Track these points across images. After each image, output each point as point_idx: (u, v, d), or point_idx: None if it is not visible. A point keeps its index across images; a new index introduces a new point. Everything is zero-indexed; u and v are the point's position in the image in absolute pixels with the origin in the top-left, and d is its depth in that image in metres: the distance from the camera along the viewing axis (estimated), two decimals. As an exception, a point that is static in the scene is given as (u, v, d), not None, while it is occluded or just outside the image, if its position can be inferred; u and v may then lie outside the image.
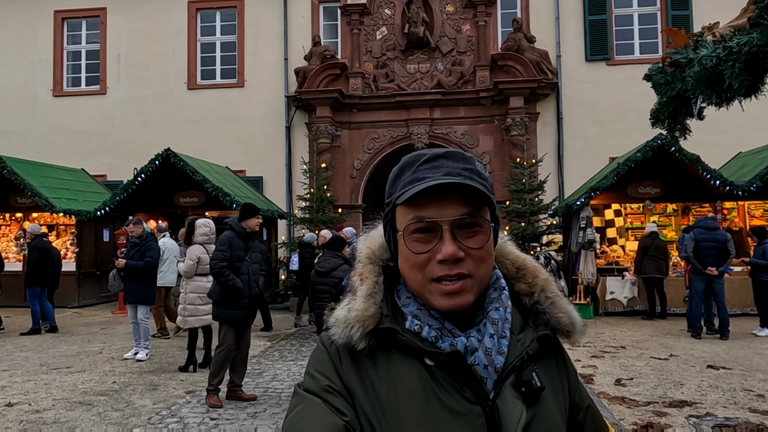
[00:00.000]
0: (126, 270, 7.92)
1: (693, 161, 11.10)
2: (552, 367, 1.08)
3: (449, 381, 0.97)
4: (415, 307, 1.02)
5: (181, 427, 5.19)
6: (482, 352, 0.99)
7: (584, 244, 11.56)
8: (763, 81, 2.11)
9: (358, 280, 1.07)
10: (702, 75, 2.05)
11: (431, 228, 0.98)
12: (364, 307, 1.01)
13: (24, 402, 5.95)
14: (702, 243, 9.28)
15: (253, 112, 16.93)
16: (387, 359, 1.00)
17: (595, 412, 1.15)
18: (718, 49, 2.04)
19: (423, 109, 15.82)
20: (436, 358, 0.98)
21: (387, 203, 1.06)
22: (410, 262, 1.01)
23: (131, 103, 17.35)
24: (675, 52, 2.33)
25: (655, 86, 2.57)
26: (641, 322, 10.74)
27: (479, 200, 1.00)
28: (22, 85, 17.78)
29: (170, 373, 7.19)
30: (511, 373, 0.99)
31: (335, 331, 1.02)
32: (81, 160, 16.64)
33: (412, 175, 1.01)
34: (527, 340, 1.03)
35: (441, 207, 0.98)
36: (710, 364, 7.42)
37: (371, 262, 1.08)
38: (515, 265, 1.12)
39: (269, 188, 16.71)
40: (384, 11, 16.18)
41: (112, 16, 17.69)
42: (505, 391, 0.98)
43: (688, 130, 2.88)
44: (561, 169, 15.89)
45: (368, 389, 0.99)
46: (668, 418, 5.34)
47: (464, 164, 1.01)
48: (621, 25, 16.29)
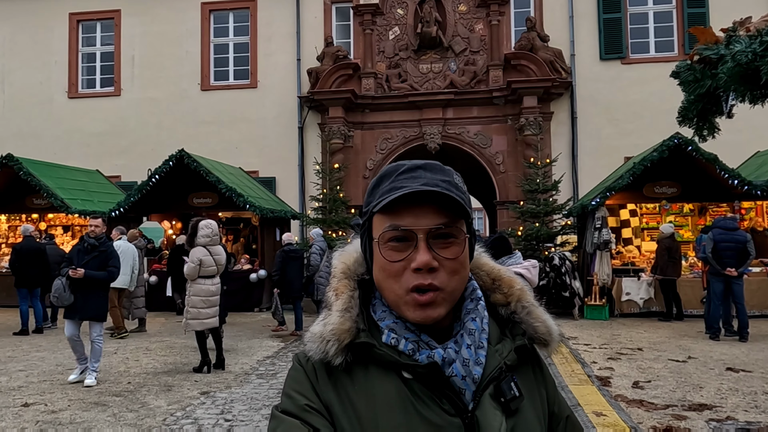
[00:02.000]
0: (82, 280, 6.55)
1: (710, 161, 10.96)
2: (530, 377, 1.08)
3: (428, 393, 0.97)
4: (391, 321, 1.02)
5: (195, 428, 5.18)
6: (460, 363, 0.98)
7: (600, 244, 11.45)
8: None
9: (333, 295, 1.07)
10: (736, 71, 1.99)
11: (407, 236, 0.99)
12: (339, 321, 1.01)
13: (40, 402, 5.97)
14: (721, 243, 9.12)
15: (266, 113, 16.96)
16: (365, 374, 1.00)
17: (575, 423, 1.14)
18: (754, 44, 1.98)
19: (436, 109, 15.76)
20: (414, 371, 0.98)
21: (364, 212, 1.07)
22: (386, 272, 1.00)
23: (145, 105, 17.45)
24: (706, 48, 2.27)
25: (684, 84, 2.51)
26: (658, 324, 10.62)
27: (456, 212, 1.00)
28: (37, 87, 17.94)
29: (184, 374, 7.20)
30: (489, 383, 0.99)
31: (311, 347, 1.02)
32: (96, 162, 16.76)
33: (390, 184, 1.01)
34: (505, 351, 1.04)
35: (417, 216, 0.98)
36: (730, 366, 7.30)
37: (346, 276, 1.08)
38: (490, 276, 1.13)
39: (282, 189, 16.73)
40: (396, 11, 16.16)
41: (126, 18, 17.81)
42: (484, 402, 0.98)
43: (717, 128, 2.81)
44: (575, 169, 15.77)
45: (346, 405, 0.98)
46: (688, 422, 5.25)
47: (442, 176, 1.02)
48: (636, 23, 16.13)
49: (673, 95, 14.02)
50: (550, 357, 1.20)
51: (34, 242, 10.78)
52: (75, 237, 14.98)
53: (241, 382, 6.76)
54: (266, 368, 7.48)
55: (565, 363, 7.51)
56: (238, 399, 6.05)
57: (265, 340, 9.48)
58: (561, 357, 7.83)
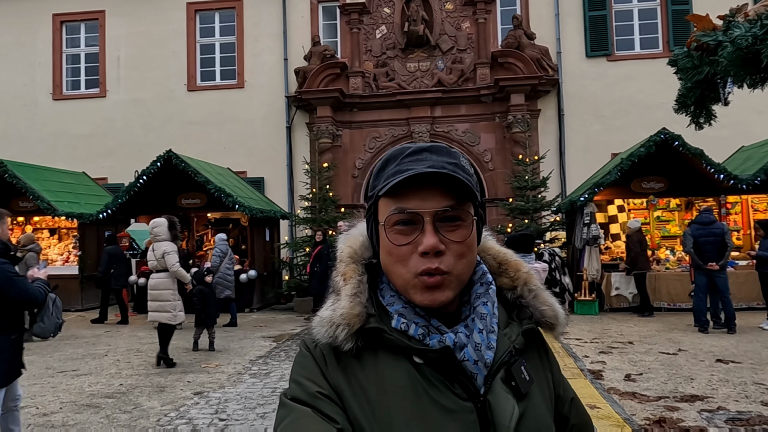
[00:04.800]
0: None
1: (697, 155, 11.07)
2: (537, 361, 1.08)
3: (439, 378, 0.96)
4: (400, 306, 1.01)
5: (190, 428, 5.15)
6: (471, 347, 0.98)
7: (589, 240, 11.53)
8: None
9: (341, 279, 1.05)
10: (736, 55, 2.02)
11: (413, 219, 0.97)
12: (350, 306, 0.99)
13: (31, 405, 5.92)
14: (700, 238, 9.24)
15: (253, 113, 16.89)
16: (374, 359, 0.99)
17: (578, 405, 1.15)
18: (755, 28, 2.01)
19: (424, 107, 15.78)
20: (425, 356, 0.97)
21: (370, 196, 1.05)
22: (393, 256, 0.99)
23: (131, 106, 17.31)
24: (704, 35, 2.30)
25: (681, 71, 2.54)
26: (646, 318, 10.71)
27: (463, 194, 0.98)
28: (22, 89, 17.74)
29: (177, 374, 7.16)
30: (500, 367, 0.99)
31: (319, 331, 1.00)
32: (82, 164, 16.60)
33: (396, 167, 1.00)
34: (513, 335, 1.03)
35: (423, 199, 0.97)
36: (719, 358, 7.39)
37: (353, 261, 1.06)
38: (497, 260, 1.12)
39: (271, 189, 16.67)
40: (383, 10, 16.15)
41: (110, 18, 17.65)
42: (495, 386, 0.97)
43: (714, 116, 2.84)
44: (563, 165, 15.85)
45: (356, 391, 0.97)
46: (680, 412, 5.30)
47: (449, 158, 1.00)
48: (621, 20, 16.25)
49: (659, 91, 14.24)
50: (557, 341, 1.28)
51: None
52: (62, 240, 14.84)
53: (235, 382, 6.73)
54: (259, 368, 7.45)
55: (558, 357, 7.51)
56: (232, 398, 6.02)
57: (257, 340, 9.45)
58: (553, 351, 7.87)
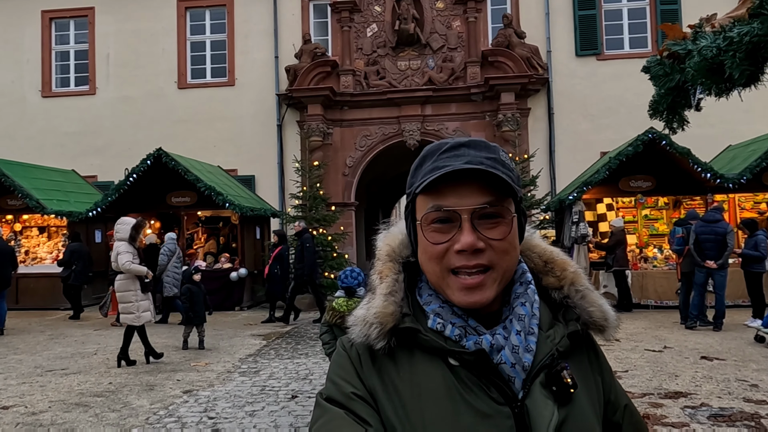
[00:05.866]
0: None
1: (684, 155, 11.18)
2: (585, 364, 1.03)
3: (475, 381, 0.93)
4: (437, 305, 0.99)
5: (179, 426, 5.18)
6: (509, 350, 0.94)
7: (577, 238, 11.62)
8: (762, 71, 2.14)
9: (377, 278, 1.03)
10: (702, 65, 2.08)
11: (450, 217, 0.95)
12: (383, 305, 0.98)
13: (20, 405, 5.92)
14: (701, 236, 9.29)
15: (244, 111, 16.87)
16: (409, 360, 0.97)
17: (633, 412, 1.10)
18: (719, 40, 2.06)
19: (414, 105, 15.82)
20: (461, 358, 0.94)
21: (408, 193, 1.03)
22: (428, 253, 0.97)
23: (121, 104, 17.24)
24: (674, 44, 2.35)
25: (654, 78, 2.60)
26: (635, 315, 10.82)
27: (502, 190, 0.96)
28: (9, 86, 17.61)
29: (166, 373, 7.17)
30: (540, 371, 0.95)
31: (354, 330, 1.00)
32: (71, 161, 16.52)
33: (433, 164, 0.97)
34: (557, 337, 0.99)
35: (461, 196, 0.94)
36: (704, 355, 7.49)
37: (391, 259, 1.04)
38: (542, 258, 1.07)
39: (261, 187, 16.66)
40: (374, 8, 16.16)
41: (100, 15, 17.56)
42: (534, 391, 0.93)
43: (686, 121, 2.91)
44: (552, 164, 15.95)
45: (390, 392, 0.95)
46: (664, 409, 5.38)
47: (487, 153, 0.97)
48: (610, 20, 16.36)
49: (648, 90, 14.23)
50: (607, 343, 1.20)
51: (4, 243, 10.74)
52: (51, 238, 14.78)
53: (224, 380, 6.76)
54: (248, 366, 7.48)
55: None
56: (221, 397, 6.05)
57: (247, 338, 9.47)
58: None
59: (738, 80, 2.06)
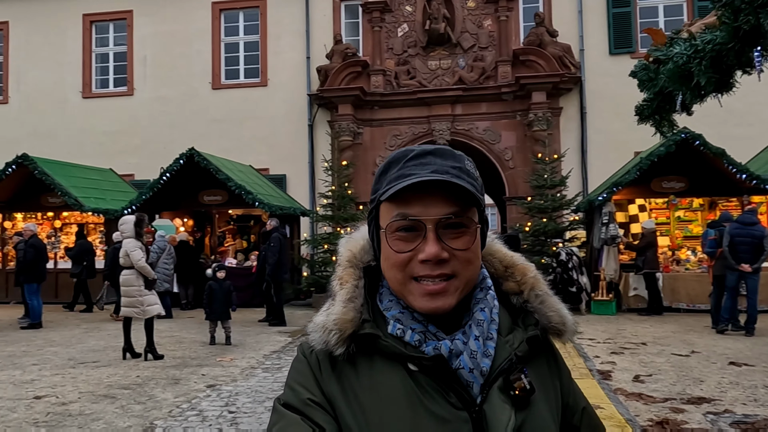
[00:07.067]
0: None
1: (718, 155, 10.91)
2: (543, 368, 1.03)
3: (434, 386, 0.93)
4: (397, 311, 0.98)
5: (200, 419, 5.31)
6: (467, 355, 0.94)
7: (607, 239, 11.45)
8: (731, 77, 2.11)
9: (338, 284, 1.03)
10: (675, 72, 2.06)
11: (415, 226, 0.94)
12: (343, 311, 0.97)
13: (52, 395, 6.15)
14: (736, 238, 9.05)
15: (275, 111, 17.10)
16: (369, 366, 0.96)
17: (591, 415, 1.10)
18: (687, 47, 2.05)
19: (444, 105, 15.80)
20: (420, 363, 0.94)
21: (371, 200, 1.03)
22: (391, 261, 0.97)
23: (157, 104, 17.67)
24: (656, 50, 2.34)
25: (640, 83, 2.58)
26: (665, 318, 10.62)
27: (467, 200, 0.95)
28: (52, 87, 18.23)
29: (192, 367, 7.35)
30: (499, 376, 0.95)
31: (314, 337, 0.99)
32: (109, 160, 17.00)
33: (399, 171, 0.97)
34: (516, 342, 0.99)
35: (426, 205, 0.94)
36: (732, 360, 7.31)
37: (351, 265, 1.04)
38: (503, 264, 1.08)
39: (292, 186, 16.88)
40: (405, 8, 16.20)
41: (138, 18, 18.03)
42: (492, 396, 0.94)
43: (675, 125, 2.87)
44: (584, 164, 15.74)
45: (350, 398, 0.95)
46: (685, 414, 5.29)
47: (453, 162, 0.97)
48: (646, 17, 16.04)
49: (682, 89, 14.04)
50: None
51: (39, 240, 11.15)
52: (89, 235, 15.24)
53: (247, 376, 6.89)
54: (272, 362, 7.61)
55: (568, 357, 7.56)
56: (242, 392, 6.18)
57: (273, 335, 9.62)
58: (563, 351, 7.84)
59: (706, 86, 2.04)
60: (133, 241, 7.90)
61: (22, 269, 10.53)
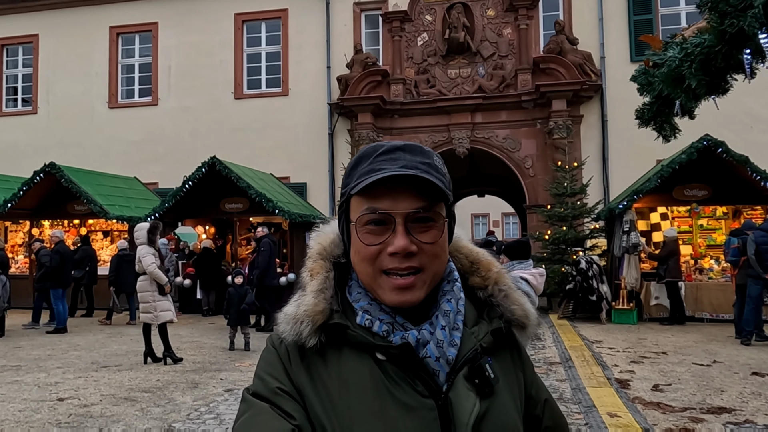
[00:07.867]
0: None
1: (741, 162, 10.75)
2: (507, 360, 1.07)
3: (401, 375, 0.96)
4: (366, 302, 1.01)
5: (217, 422, 5.39)
6: (434, 344, 0.97)
7: (628, 248, 11.33)
8: (722, 80, 2.11)
9: (308, 275, 1.06)
10: (668, 75, 2.07)
11: (384, 220, 0.97)
12: (314, 302, 1.00)
13: (74, 397, 6.28)
14: (762, 246, 8.91)
15: (296, 120, 17.28)
16: (338, 356, 0.99)
17: (553, 407, 1.14)
18: (678, 51, 2.06)
19: (464, 113, 15.81)
20: (387, 352, 0.97)
21: (342, 194, 1.06)
22: (361, 254, 0.99)
23: (181, 113, 17.97)
24: (653, 54, 2.35)
25: (640, 87, 2.59)
26: (687, 328, 10.47)
27: (435, 195, 0.98)
28: (79, 97, 18.65)
29: (211, 372, 7.45)
30: (464, 365, 0.98)
31: (284, 328, 1.01)
32: (134, 169, 17.33)
33: (369, 166, 1.00)
34: (481, 333, 1.02)
35: (395, 200, 0.97)
36: (755, 371, 7.19)
37: (322, 257, 1.08)
38: (469, 259, 1.12)
39: (313, 194, 17.01)
40: (425, 17, 16.29)
41: (163, 30, 18.38)
42: (458, 384, 0.97)
43: (677, 129, 2.87)
44: (606, 172, 15.61)
45: (319, 388, 0.97)
46: (704, 424, 5.22)
47: (422, 158, 1.00)
48: (668, 24, 15.88)
49: (705, 96, 13.89)
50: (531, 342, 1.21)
51: (66, 247, 11.39)
52: (114, 241, 15.52)
53: (265, 381, 6.95)
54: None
55: (586, 366, 7.50)
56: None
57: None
58: (582, 360, 7.82)
59: (698, 89, 2.04)
60: (146, 247, 8.05)
61: (47, 275, 10.76)
